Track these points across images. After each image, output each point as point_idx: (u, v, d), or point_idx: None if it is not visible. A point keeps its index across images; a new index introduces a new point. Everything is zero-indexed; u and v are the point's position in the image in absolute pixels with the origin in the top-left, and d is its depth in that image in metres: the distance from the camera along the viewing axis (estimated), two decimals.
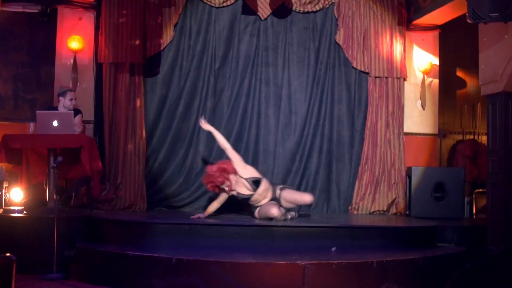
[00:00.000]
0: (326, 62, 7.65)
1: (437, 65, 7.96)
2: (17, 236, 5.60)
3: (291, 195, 6.39)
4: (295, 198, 6.42)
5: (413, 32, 7.89)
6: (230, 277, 4.74)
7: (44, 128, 6.08)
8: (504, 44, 5.97)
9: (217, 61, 7.50)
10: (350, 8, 7.60)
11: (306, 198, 6.47)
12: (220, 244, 5.48)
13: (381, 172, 7.52)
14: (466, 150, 8.02)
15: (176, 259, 4.86)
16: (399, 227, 6.21)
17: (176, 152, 7.40)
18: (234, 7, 7.53)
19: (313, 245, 5.57)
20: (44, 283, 5.13)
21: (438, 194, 7.12)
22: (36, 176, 6.43)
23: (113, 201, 6.94)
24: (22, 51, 7.62)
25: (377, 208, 7.45)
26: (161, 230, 5.67)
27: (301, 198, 6.48)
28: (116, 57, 7.10)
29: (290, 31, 7.64)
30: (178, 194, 7.33)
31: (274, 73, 7.60)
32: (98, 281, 5.16)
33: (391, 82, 7.63)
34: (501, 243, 5.92)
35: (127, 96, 7.16)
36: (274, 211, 6.02)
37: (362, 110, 7.68)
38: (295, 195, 6.49)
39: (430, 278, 5.24)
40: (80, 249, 5.50)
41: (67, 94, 6.65)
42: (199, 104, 7.44)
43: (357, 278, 4.91)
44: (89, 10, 7.39)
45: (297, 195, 6.53)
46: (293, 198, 6.39)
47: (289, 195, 6.37)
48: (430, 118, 7.94)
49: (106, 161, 7.03)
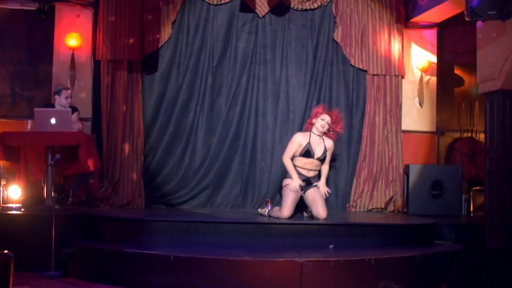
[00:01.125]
0: (324, 60, 7.65)
1: (435, 63, 7.96)
2: (15, 234, 5.60)
3: (314, 199, 6.09)
4: (315, 205, 6.07)
5: (411, 29, 7.89)
6: (228, 274, 4.75)
7: (42, 126, 6.08)
8: (502, 42, 5.98)
9: (215, 58, 7.50)
10: (348, 6, 7.60)
11: (322, 214, 6.00)
12: (218, 242, 5.48)
13: (379, 169, 7.53)
14: (463, 148, 8.02)
15: (174, 257, 4.86)
16: (397, 225, 6.22)
17: (174, 149, 7.40)
18: (232, 5, 7.52)
19: (311, 243, 5.59)
20: (42, 280, 5.13)
21: (435, 191, 7.13)
22: (34, 173, 6.44)
23: (111, 199, 6.94)
24: (19, 48, 7.60)
25: (375, 206, 7.46)
26: (159, 228, 5.67)
27: (318, 210, 6.02)
28: (114, 55, 7.08)
29: (288, 28, 7.63)
30: (176, 191, 7.33)
31: (272, 71, 7.60)
32: (96, 279, 5.17)
33: (389, 80, 7.64)
34: (498, 241, 5.93)
35: (125, 93, 7.15)
36: (284, 210, 6.00)
37: (360, 107, 7.68)
38: (318, 203, 6.07)
39: (428, 275, 5.25)
40: (78, 246, 5.50)
41: (62, 93, 6.64)
42: (197, 101, 7.43)
43: (355, 275, 4.92)
44: (87, 8, 7.37)
45: (319, 204, 6.05)
46: (312, 203, 6.10)
47: (313, 197, 6.12)
48: (428, 115, 7.94)
49: (104, 158, 7.02)
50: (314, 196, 6.11)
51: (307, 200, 6.17)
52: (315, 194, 6.13)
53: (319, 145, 6.24)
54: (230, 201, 7.41)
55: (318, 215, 6.02)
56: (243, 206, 7.35)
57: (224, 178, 7.44)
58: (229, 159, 7.46)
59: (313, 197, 6.11)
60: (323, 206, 6.07)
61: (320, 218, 6.01)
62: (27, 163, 6.35)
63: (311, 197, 6.13)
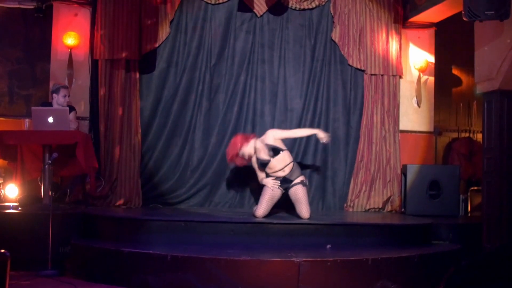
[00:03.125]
0: (322, 60, 7.65)
1: (432, 63, 7.97)
2: (12, 233, 5.57)
3: (297, 198, 6.09)
4: (298, 204, 6.09)
5: (409, 29, 7.89)
6: (225, 274, 4.74)
7: (39, 125, 6.07)
8: (500, 42, 5.99)
9: (213, 58, 7.49)
10: (346, 6, 7.60)
11: (304, 213, 6.03)
12: (215, 241, 5.48)
13: (377, 169, 7.53)
14: (461, 148, 8.03)
15: (171, 256, 4.85)
16: (394, 225, 6.22)
17: (171, 149, 7.40)
18: (230, 4, 7.51)
19: (308, 242, 5.58)
20: (39, 279, 5.12)
21: (433, 191, 7.13)
22: (31, 172, 6.42)
23: (108, 198, 6.93)
24: (17, 47, 7.59)
25: (372, 206, 7.46)
26: (157, 227, 5.66)
27: (300, 209, 6.06)
28: (112, 54, 7.07)
29: (286, 28, 7.63)
30: (173, 190, 7.32)
31: (270, 70, 7.60)
32: (93, 278, 5.16)
33: (387, 80, 7.64)
34: (496, 241, 5.94)
35: (123, 92, 7.14)
36: (258, 210, 6.04)
37: (358, 107, 7.68)
38: (301, 202, 6.08)
39: (425, 275, 5.25)
40: (75, 245, 5.50)
41: (60, 91, 6.62)
42: (194, 100, 7.43)
43: (352, 275, 4.92)
44: (84, 7, 7.37)
45: (302, 203, 6.07)
46: (296, 202, 6.11)
47: (296, 196, 6.09)
48: (425, 116, 7.95)
49: (101, 157, 7.01)
50: (297, 195, 6.10)
51: (291, 199, 6.16)
52: (298, 193, 6.10)
53: (259, 154, 6.13)
54: (227, 200, 7.41)
55: (301, 214, 6.04)
56: (240, 206, 7.35)
57: (222, 178, 7.43)
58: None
59: (295, 196, 6.10)
60: (306, 206, 6.07)
61: (303, 217, 6.02)
62: (24, 162, 6.34)
63: (294, 196, 6.12)
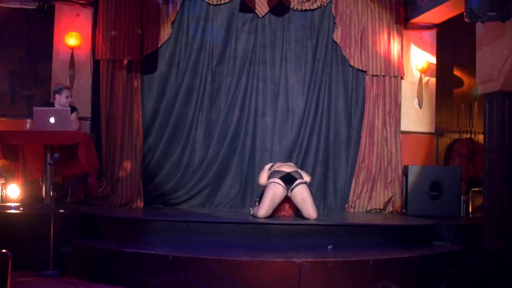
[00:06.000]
0: (324, 60, 7.66)
1: (434, 64, 7.97)
2: (14, 233, 5.58)
3: (303, 198, 6.03)
4: (304, 204, 6.04)
5: (410, 30, 7.89)
6: (227, 274, 4.74)
7: (41, 125, 6.07)
8: (501, 43, 5.98)
9: (214, 58, 7.50)
10: (347, 7, 7.61)
11: (312, 213, 6.00)
12: (216, 242, 5.48)
13: (378, 170, 7.53)
14: (462, 149, 8.03)
15: (172, 256, 4.85)
16: (396, 226, 6.22)
17: (173, 149, 7.40)
18: (231, 5, 7.52)
19: (310, 243, 5.58)
20: (41, 279, 5.13)
21: (434, 192, 7.12)
22: (33, 172, 6.42)
23: (110, 198, 6.94)
24: (19, 47, 7.60)
25: (374, 206, 7.46)
26: (158, 227, 5.67)
27: (307, 209, 6.01)
28: (114, 54, 7.08)
29: (287, 29, 7.64)
30: (174, 191, 7.33)
31: (271, 71, 7.61)
32: (95, 278, 5.16)
33: (388, 81, 7.64)
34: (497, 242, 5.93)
35: (124, 93, 7.15)
36: (259, 210, 6.04)
37: (359, 108, 7.69)
38: (307, 202, 6.02)
39: (426, 276, 5.25)
40: (76, 245, 5.49)
41: (63, 92, 6.62)
42: (196, 101, 7.43)
43: (353, 276, 4.91)
44: (86, 7, 7.38)
45: (308, 203, 6.01)
46: (301, 203, 6.05)
47: (300, 196, 6.03)
48: (427, 116, 7.95)
49: (103, 157, 7.02)
50: (303, 196, 6.04)
51: (296, 200, 6.09)
52: (303, 193, 6.05)
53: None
54: (229, 201, 7.42)
55: (309, 215, 6.01)
56: (242, 206, 7.34)
57: (223, 178, 7.44)
58: (228, 159, 7.46)
59: (302, 197, 6.04)
60: (312, 206, 6.04)
61: (311, 218, 6.00)
62: (26, 162, 6.34)
63: (299, 197, 6.05)
